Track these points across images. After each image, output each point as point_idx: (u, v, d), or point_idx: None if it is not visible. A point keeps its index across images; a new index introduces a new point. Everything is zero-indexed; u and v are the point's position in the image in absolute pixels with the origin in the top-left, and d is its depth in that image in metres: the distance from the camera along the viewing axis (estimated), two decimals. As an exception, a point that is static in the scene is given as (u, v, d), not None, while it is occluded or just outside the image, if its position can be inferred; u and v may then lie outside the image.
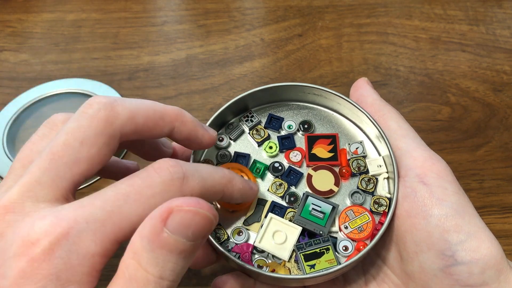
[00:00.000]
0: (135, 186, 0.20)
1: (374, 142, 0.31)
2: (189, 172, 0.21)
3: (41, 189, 0.20)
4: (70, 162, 0.21)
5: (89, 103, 0.22)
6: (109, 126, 0.21)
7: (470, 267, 0.24)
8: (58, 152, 0.20)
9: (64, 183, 0.21)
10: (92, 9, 0.57)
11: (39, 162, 0.20)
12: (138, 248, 0.18)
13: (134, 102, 0.23)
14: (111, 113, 0.21)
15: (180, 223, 0.18)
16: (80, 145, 0.21)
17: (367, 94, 0.31)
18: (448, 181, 0.26)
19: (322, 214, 0.28)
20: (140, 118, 0.22)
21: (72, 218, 0.19)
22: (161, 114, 0.23)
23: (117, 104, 0.22)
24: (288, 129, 0.31)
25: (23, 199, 0.20)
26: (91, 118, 0.21)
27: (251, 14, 0.57)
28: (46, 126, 0.23)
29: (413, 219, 0.26)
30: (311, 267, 0.26)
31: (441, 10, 0.57)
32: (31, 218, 0.19)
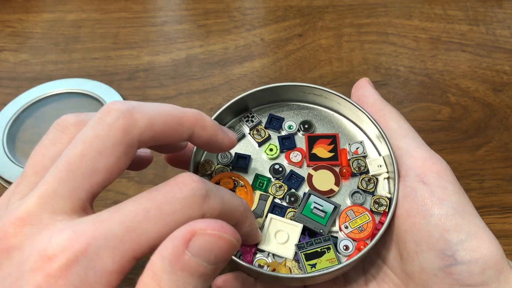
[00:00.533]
0: (156, 202, 0.19)
1: (374, 142, 0.31)
2: (211, 191, 0.20)
3: (59, 200, 0.19)
4: (87, 173, 0.20)
5: (106, 110, 0.21)
6: (128, 135, 0.21)
7: (470, 267, 0.24)
8: (75, 163, 0.20)
9: (82, 194, 0.20)
10: (92, 9, 0.57)
11: (56, 173, 0.20)
12: (158, 269, 0.18)
13: (153, 108, 0.22)
14: (129, 122, 0.21)
15: (202, 247, 0.18)
16: (98, 155, 0.20)
17: (368, 94, 0.31)
18: (449, 180, 0.26)
19: (324, 213, 0.28)
20: (158, 125, 0.22)
21: (91, 233, 0.18)
22: (180, 120, 0.23)
23: (135, 111, 0.21)
24: (289, 129, 0.31)
25: (40, 211, 0.19)
26: (109, 127, 0.20)
27: (251, 14, 0.57)
28: (56, 128, 0.22)
29: (413, 219, 0.26)
30: (312, 266, 0.26)
31: (441, 10, 0.57)
32: (49, 231, 0.19)
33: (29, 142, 0.45)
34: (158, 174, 0.43)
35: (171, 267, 0.18)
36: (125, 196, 0.41)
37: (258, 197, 0.29)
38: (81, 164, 0.20)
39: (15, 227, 0.19)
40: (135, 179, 0.42)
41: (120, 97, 0.47)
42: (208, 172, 0.30)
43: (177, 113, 0.23)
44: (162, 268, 0.18)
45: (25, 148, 0.45)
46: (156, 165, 0.43)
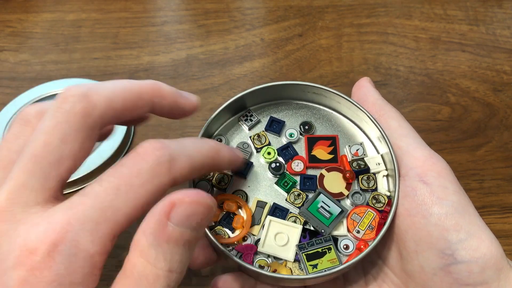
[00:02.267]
0: (123, 177, 0.19)
1: (374, 142, 0.31)
2: (175, 152, 0.21)
3: (29, 193, 0.19)
4: (54, 162, 0.20)
5: (63, 96, 0.21)
6: (88, 119, 0.21)
7: (469, 266, 0.24)
8: (41, 154, 0.20)
9: (52, 183, 0.20)
10: (92, 9, 0.57)
11: (22, 165, 0.20)
12: (144, 246, 0.18)
13: (109, 86, 0.22)
14: (87, 105, 0.20)
15: (184, 215, 0.19)
16: (61, 143, 0.20)
17: (369, 94, 0.31)
18: (449, 180, 0.26)
19: (329, 215, 0.28)
20: (117, 103, 0.21)
21: (66, 221, 0.18)
22: (138, 94, 0.22)
23: (92, 93, 0.21)
24: (290, 137, 0.31)
25: (12, 206, 0.19)
26: (68, 113, 0.20)
27: (251, 14, 0.57)
28: (19, 123, 0.22)
29: (413, 218, 0.26)
30: (314, 267, 0.26)
31: (441, 10, 0.57)
32: (25, 225, 0.19)
33: (29, 142, 0.45)
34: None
35: (156, 241, 0.18)
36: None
37: (255, 204, 0.29)
38: (46, 154, 0.20)
39: None
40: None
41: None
42: (208, 177, 0.29)
43: (134, 87, 0.23)
44: (148, 244, 0.18)
45: (25, 148, 0.45)
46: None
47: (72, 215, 0.19)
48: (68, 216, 0.19)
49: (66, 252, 0.18)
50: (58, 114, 0.20)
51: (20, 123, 0.22)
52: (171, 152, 0.20)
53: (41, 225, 0.18)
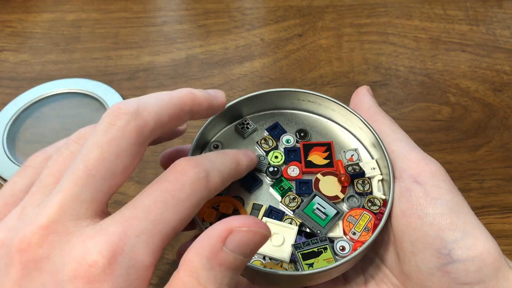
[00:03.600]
0: (169, 191, 0.20)
1: (368, 148, 0.31)
2: (208, 168, 0.22)
3: (81, 205, 0.20)
4: (107, 176, 0.20)
5: (114, 114, 0.21)
6: (141, 136, 0.21)
7: (466, 265, 0.24)
8: (95, 167, 0.20)
9: (102, 197, 0.20)
10: (92, 9, 0.57)
11: (75, 178, 0.20)
12: (196, 266, 0.19)
13: (154, 102, 0.22)
14: (140, 123, 0.21)
15: (240, 242, 0.19)
16: (116, 158, 0.21)
17: (363, 100, 0.32)
18: (442, 180, 0.26)
19: (325, 216, 0.28)
20: (164, 118, 0.23)
21: (123, 233, 0.19)
22: (180, 106, 0.23)
23: (142, 110, 0.22)
24: (286, 143, 0.31)
25: (64, 218, 0.19)
26: (123, 130, 0.21)
27: (251, 14, 0.57)
28: (77, 143, 0.23)
29: (408, 219, 0.26)
30: (310, 266, 0.26)
31: (441, 10, 0.57)
32: (79, 238, 0.19)
33: (29, 142, 0.45)
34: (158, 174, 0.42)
35: (209, 264, 0.19)
36: (125, 196, 0.41)
37: (251, 206, 0.29)
38: (101, 167, 0.20)
39: (39, 236, 0.19)
40: (135, 179, 0.42)
41: (120, 97, 0.47)
42: None
43: (176, 100, 0.23)
44: (201, 265, 0.19)
45: (25, 148, 0.45)
46: (156, 165, 0.43)
47: (128, 228, 0.19)
48: (124, 229, 0.19)
49: (125, 264, 0.18)
50: (112, 130, 0.21)
51: (79, 143, 0.23)
52: (205, 168, 0.22)
53: (98, 238, 0.19)
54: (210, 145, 0.31)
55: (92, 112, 0.47)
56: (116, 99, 0.47)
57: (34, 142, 0.45)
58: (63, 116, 0.47)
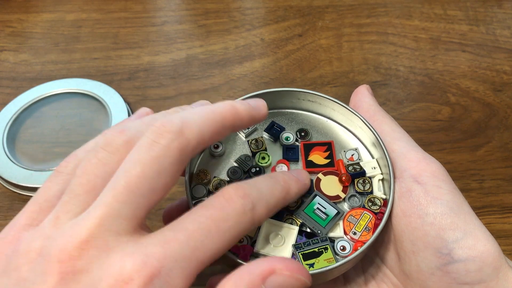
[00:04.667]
0: (213, 220, 0.20)
1: (368, 147, 0.31)
2: (256, 199, 0.22)
3: (121, 221, 0.20)
4: (147, 193, 0.20)
5: (158, 132, 0.21)
6: (183, 155, 0.21)
7: (467, 265, 0.24)
8: (136, 184, 0.20)
9: (141, 213, 0.20)
10: (92, 9, 0.57)
11: (116, 193, 0.20)
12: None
13: (197, 120, 0.22)
14: (183, 141, 0.21)
15: (280, 285, 0.20)
16: (157, 175, 0.21)
17: (363, 100, 0.32)
18: (443, 180, 0.26)
19: (325, 216, 0.28)
20: (206, 136, 0.22)
21: (162, 255, 0.19)
22: (222, 123, 0.23)
23: (186, 129, 0.22)
24: (286, 140, 0.31)
25: (104, 233, 0.19)
26: (166, 149, 0.21)
27: (251, 14, 0.57)
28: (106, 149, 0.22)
29: (409, 218, 0.26)
30: (310, 266, 0.26)
31: (441, 10, 0.57)
32: (119, 254, 0.19)
33: (29, 142, 0.45)
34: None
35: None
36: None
37: None
38: (141, 185, 0.20)
39: (79, 249, 0.19)
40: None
41: (120, 97, 0.47)
42: (205, 181, 0.29)
43: (218, 117, 0.23)
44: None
45: (25, 148, 0.45)
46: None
47: (167, 250, 0.19)
48: (164, 251, 0.19)
49: (159, 286, 0.18)
50: (155, 148, 0.21)
51: (108, 150, 0.22)
52: (253, 200, 0.22)
53: (138, 256, 0.19)
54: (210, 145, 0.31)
55: (92, 112, 0.47)
56: (116, 99, 0.47)
57: (34, 142, 0.45)
58: (63, 116, 0.47)
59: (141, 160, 0.21)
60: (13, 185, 0.42)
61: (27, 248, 0.20)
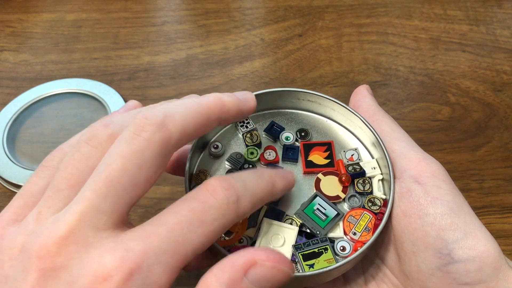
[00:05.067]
0: (196, 213, 0.20)
1: (368, 147, 0.31)
2: (240, 192, 0.21)
3: (102, 216, 0.19)
4: (129, 188, 0.20)
5: (140, 124, 0.21)
6: (165, 148, 0.21)
7: (467, 265, 0.24)
8: (117, 178, 0.20)
9: (123, 208, 0.20)
10: (92, 9, 0.57)
11: (96, 188, 0.19)
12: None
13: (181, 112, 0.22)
14: (165, 134, 0.21)
15: (261, 277, 0.19)
16: (138, 169, 0.20)
17: (363, 100, 0.32)
18: (443, 180, 0.26)
19: (325, 217, 0.28)
20: (190, 128, 0.22)
21: (142, 250, 0.18)
22: (207, 115, 0.23)
23: (168, 121, 0.21)
24: (286, 140, 0.31)
25: (84, 228, 0.19)
26: (147, 141, 0.20)
27: (251, 14, 0.57)
28: (89, 144, 0.22)
29: (409, 219, 0.26)
30: (310, 267, 0.26)
31: (441, 10, 0.57)
32: (98, 250, 0.19)
33: (29, 142, 0.45)
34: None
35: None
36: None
37: None
38: (123, 179, 0.20)
39: (58, 245, 0.19)
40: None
41: (120, 97, 0.47)
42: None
43: (203, 109, 0.23)
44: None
45: (25, 148, 0.45)
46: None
47: (148, 245, 0.19)
48: (144, 246, 0.19)
49: (140, 282, 0.18)
50: (136, 142, 0.20)
51: (91, 144, 0.22)
52: (237, 192, 0.21)
53: (117, 252, 0.18)
54: (210, 145, 0.31)
55: (92, 112, 0.47)
56: (116, 99, 0.47)
57: (34, 142, 0.45)
58: (63, 116, 0.47)
59: (121, 154, 0.20)
60: (13, 185, 0.42)
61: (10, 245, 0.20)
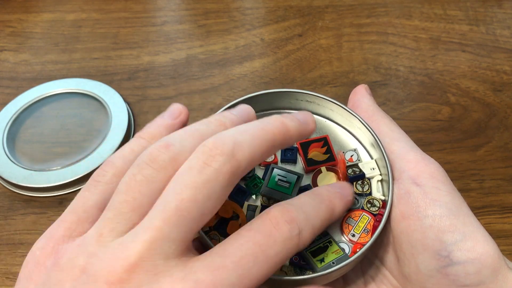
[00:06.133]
0: (260, 245, 0.20)
1: (367, 148, 0.31)
2: (302, 224, 0.21)
3: (171, 245, 0.19)
4: (197, 217, 0.20)
5: (211, 154, 0.20)
6: (234, 178, 0.21)
7: (466, 267, 0.24)
8: (187, 208, 0.20)
9: (190, 237, 0.20)
10: (92, 9, 0.57)
11: (165, 217, 0.19)
12: None
13: (250, 141, 0.21)
14: (235, 164, 0.21)
15: None
16: (207, 200, 0.20)
17: (362, 100, 0.31)
18: (442, 181, 0.26)
19: (288, 184, 0.28)
20: (257, 157, 0.22)
21: (211, 284, 0.19)
22: (272, 142, 0.22)
23: (238, 151, 0.21)
24: None
25: (153, 257, 0.19)
26: (218, 172, 0.20)
27: (251, 14, 0.57)
28: (151, 166, 0.21)
29: (407, 220, 0.26)
30: (321, 261, 0.26)
31: (441, 10, 0.57)
32: (168, 278, 0.19)
33: (29, 142, 0.45)
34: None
35: None
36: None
37: (246, 208, 0.29)
38: (192, 209, 0.20)
39: (129, 272, 0.19)
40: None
41: (120, 97, 0.47)
42: None
43: (270, 137, 0.22)
44: None
45: (25, 148, 0.45)
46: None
47: (216, 278, 0.19)
48: (213, 278, 0.19)
49: None
50: (207, 172, 0.20)
51: (153, 167, 0.21)
52: (299, 225, 0.21)
53: (188, 283, 0.19)
54: None
55: (92, 112, 0.47)
56: (116, 99, 0.47)
57: (34, 142, 0.45)
58: (63, 116, 0.47)
59: (192, 184, 0.20)
60: (13, 185, 0.42)
61: (70, 264, 0.20)
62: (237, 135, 0.21)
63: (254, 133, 0.22)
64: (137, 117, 0.47)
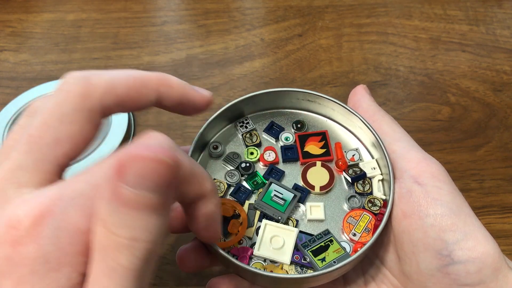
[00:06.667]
0: None
1: (368, 147, 0.31)
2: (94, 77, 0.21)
3: (23, 173, 0.19)
4: (51, 143, 0.19)
5: (64, 79, 0.20)
6: (87, 100, 0.20)
7: (467, 266, 0.24)
8: (38, 134, 0.19)
9: (48, 165, 0.19)
10: (92, 9, 0.57)
11: (19, 147, 0.19)
12: (102, 212, 0.16)
13: (112, 72, 0.21)
14: (87, 86, 0.20)
15: (136, 175, 0.16)
16: (59, 123, 0.19)
17: (362, 100, 0.32)
18: (443, 181, 0.26)
19: (283, 201, 0.28)
20: (120, 88, 0.21)
21: (57, 195, 0.17)
22: (143, 81, 0.22)
23: (93, 76, 0.20)
24: (285, 140, 0.31)
25: (5, 186, 0.18)
26: (67, 93, 0.20)
27: (251, 14, 0.57)
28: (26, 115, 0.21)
29: (409, 220, 0.26)
30: (322, 260, 0.26)
31: (441, 10, 0.57)
32: (14, 203, 0.18)
33: (29, 142, 0.45)
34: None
35: (112, 206, 0.16)
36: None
37: (247, 206, 0.29)
38: (43, 134, 0.19)
39: None
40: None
41: (120, 97, 0.47)
42: None
43: (138, 74, 0.22)
44: (105, 210, 0.16)
45: (25, 148, 0.45)
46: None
47: (64, 190, 0.18)
48: (60, 192, 0.18)
49: (55, 225, 0.17)
50: (56, 95, 0.20)
51: (28, 115, 0.21)
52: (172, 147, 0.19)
53: (30, 202, 0.17)
54: (210, 145, 0.31)
55: (92, 112, 0.47)
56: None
57: (34, 142, 0.45)
58: (63, 116, 0.47)
59: (42, 109, 0.20)
60: (13, 185, 0.42)
61: None
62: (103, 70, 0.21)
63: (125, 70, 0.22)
64: (137, 117, 0.47)
